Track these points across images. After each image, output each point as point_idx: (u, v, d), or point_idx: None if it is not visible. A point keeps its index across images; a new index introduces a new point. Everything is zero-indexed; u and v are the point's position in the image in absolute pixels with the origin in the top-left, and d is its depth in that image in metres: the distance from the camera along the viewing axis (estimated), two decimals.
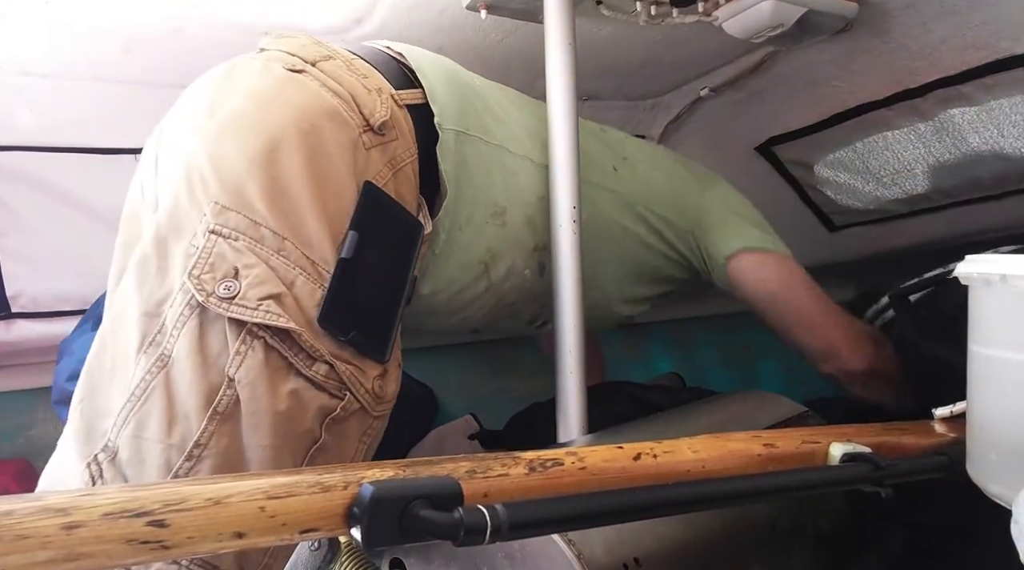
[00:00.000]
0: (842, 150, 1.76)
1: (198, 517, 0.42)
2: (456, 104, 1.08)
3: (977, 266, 0.76)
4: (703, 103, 1.77)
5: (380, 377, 0.91)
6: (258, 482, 0.46)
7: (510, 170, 1.15)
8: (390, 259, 0.95)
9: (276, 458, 0.82)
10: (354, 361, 0.88)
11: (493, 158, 1.12)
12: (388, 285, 0.95)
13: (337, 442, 0.88)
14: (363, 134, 0.94)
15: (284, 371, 0.83)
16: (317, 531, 0.47)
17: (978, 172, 1.64)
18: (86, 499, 0.40)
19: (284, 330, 0.82)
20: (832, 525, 1.01)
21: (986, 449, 0.79)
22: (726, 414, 1.23)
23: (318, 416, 0.85)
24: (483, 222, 1.11)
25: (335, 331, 0.86)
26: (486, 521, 0.50)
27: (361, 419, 0.90)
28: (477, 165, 1.10)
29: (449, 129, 1.05)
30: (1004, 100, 1.47)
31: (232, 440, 0.80)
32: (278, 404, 0.82)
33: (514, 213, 1.15)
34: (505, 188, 1.14)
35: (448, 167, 1.05)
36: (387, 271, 0.95)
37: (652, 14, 1.30)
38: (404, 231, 0.98)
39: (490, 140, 1.12)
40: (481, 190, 1.10)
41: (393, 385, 0.94)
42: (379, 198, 0.93)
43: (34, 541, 0.38)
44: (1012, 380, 0.74)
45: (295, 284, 0.85)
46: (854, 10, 1.31)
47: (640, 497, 0.61)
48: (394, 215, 0.96)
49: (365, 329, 0.89)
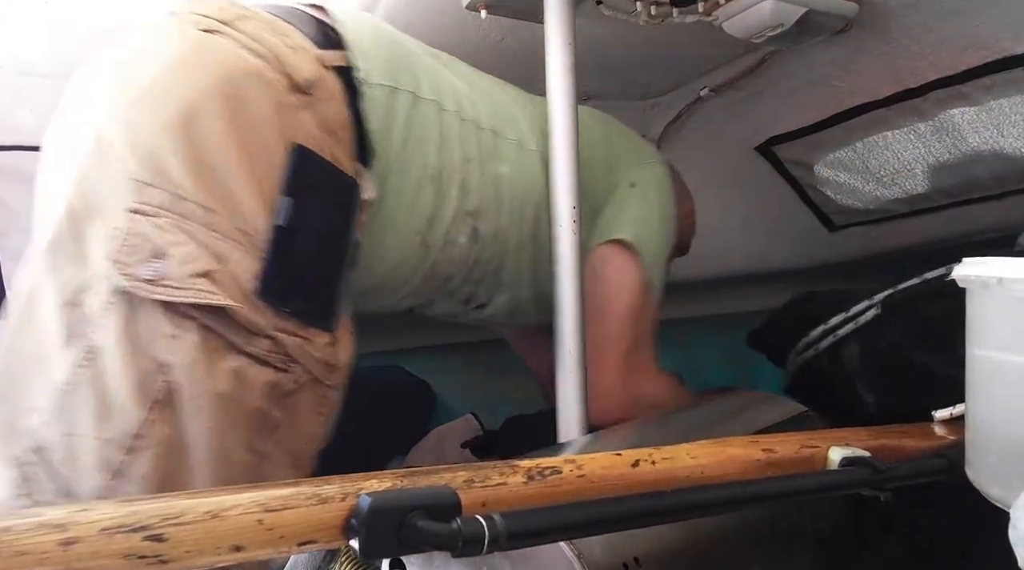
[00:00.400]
0: (842, 150, 1.76)
1: (196, 531, 0.42)
2: (383, 59, 1.03)
3: (974, 269, 0.76)
4: (703, 103, 1.77)
5: (330, 345, 0.88)
6: (255, 494, 0.46)
7: (443, 128, 1.09)
8: (328, 223, 0.91)
9: (222, 442, 0.79)
10: (299, 332, 0.84)
11: (426, 115, 1.07)
12: (329, 250, 0.91)
13: (291, 416, 0.85)
14: (289, 95, 0.88)
15: (223, 350, 0.80)
16: (315, 543, 0.47)
17: (978, 172, 1.64)
18: (84, 514, 0.40)
19: (219, 308, 0.78)
20: (831, 526, 1.01)
21: (985, 452, 0.79)
22: (726, 414, 1.22)
23: (266, 393, 0.82)
24: (419, 186, 1.06)
25: (275, 303, 0.82)
26: (484, 531, 0.50)
27: (314, 390, 0.87)
28: (410, 123, 1.04)
29: (377, 84, 1.00)
30: (1004, 100, 1.47)
31: (173, 428, 0.77)
32: (219, 385, 0.78)
33: (449, 176, 1.10)
34: (439, 148, 1.08)
35: (379, 126, 1.00)
36: (326, 236, 0.90)
37: (652, 14, 1.29)
38: (341, 192, 0.93)
39: (422, 95, 1.07)
40: (416, 151, 1.05)
41: (346, 352, 0.91)
42: (311, 160, 0.88)
43: (32, 557, 0.38)
44: (1010, 382, 0.74)
45: (229, 258, 0.80)
46: (854, 10, 1.31)
47: (639, 504, 0.61)
48: (329, 177, 0.91)
49: (308, 298, 0.86)
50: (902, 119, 1.60)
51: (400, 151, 1.03)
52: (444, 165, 1.08)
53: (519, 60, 1.46)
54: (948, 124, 1.57)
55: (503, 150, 1.18)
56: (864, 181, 1.82)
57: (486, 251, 1.18)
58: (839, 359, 1.29)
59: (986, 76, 1.41)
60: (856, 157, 1.76)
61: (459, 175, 1.10)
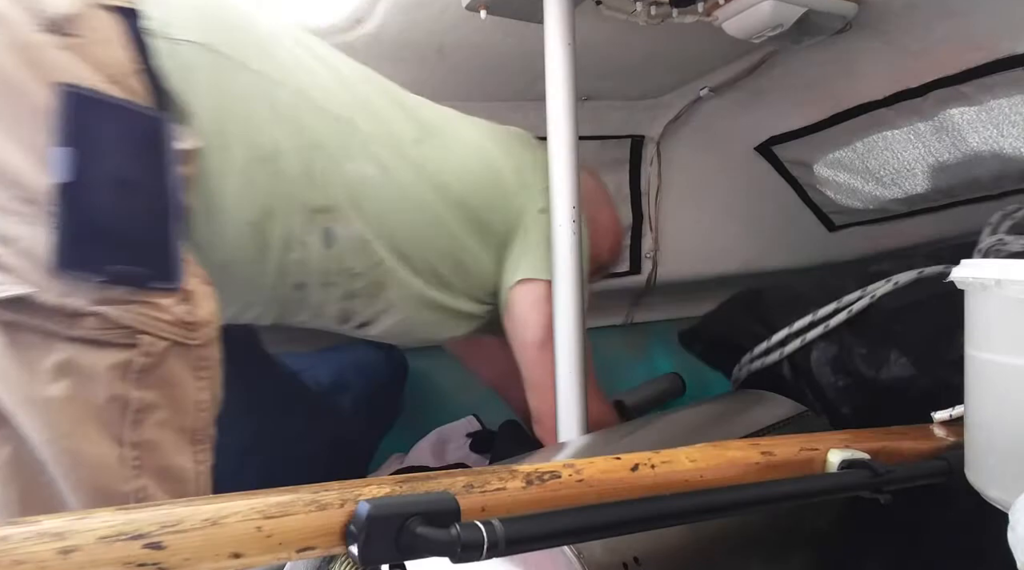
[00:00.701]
0: (842, 150, 1.76)
1: (195, 538, 0.42)
2: (194, 15, 0.92)
3: (972, 271, 0.76)
4: (703, 103, 1.77)
5: (183, 302, 0.79)
6: (254, 501, 0.46)
7: (281, 104, 0.98)
8: (130, 170, 0.78)
9: (79, 447, 0.71)
10: (132, 298, 0.75)
11: (252, 87, 0.96)
12: (143, 197, 0.78)
13: (166, 392, 0.77)
14: (37, 33, 0.76)
15: (41, 344, 0.70)
16: (314, 549, 0.47)
17: (977, 172, 1.64)
18: (82, 522, 0.40)
19: (17, 298, 0.68)
20: (831, 525, 1.01)
21: (984, 453, 0.79)
22: (725, 414, 1.22)
23: (116, 377, 0.73)
24: (247, 168, 0.94)
25: (86, 274, 0.72)
26: (483, 537, 0.50)
27: (182, 356, 0.78)
28: (227, 91, 0.93)
29: (179, 39, 0.88)
30: (1004, 100, 1.47)
31: (14, 446, 0.71)
32: (48, 387, 0.69)
33: (287, 161, 0.98)
34: (275, 126, 0.97)
35: (183, 87, 0.88)
36: (135, 181, 0.78)
37: (652, 14, 1.29)
38: (139, 128, 0.80)
39: (249, 65, 0.96)
40: (238, 125, 0.94)
41: (206, 305, 0.82)
42: (89, 100, 0.76)
43: (31, 566, 0.38)
44: (1009, 384, 0.74)
45: (15, 237, 0.70)
46: (854, 10, 1.30)
47: (638, 509, 0.61)
48: (117, 114, 0.78)
49: (130, 259, 0.75)
50: (902, 119, 1.60)
51: (215, 121, 0.91)
52: (281, 148, 0.97)
53: (519, 60, 1.46)
54: (948, 124, 1.57)
55: (371, 149, 1.08)
56: (864, 181, 1.82)
57: (349, 261, 1.07)
58: (804, 367, 1.24)
59: (986, 76, 1.41)
60: (856, 157, 1.76)
61: (302, 164, 1.00)
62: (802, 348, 1.24)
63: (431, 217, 1.14)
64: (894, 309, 1.19)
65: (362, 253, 1.08)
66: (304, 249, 1.03)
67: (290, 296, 1.07)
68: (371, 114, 1.10)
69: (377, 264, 1.10)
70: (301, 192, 1.00)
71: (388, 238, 1.09)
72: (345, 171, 1.04)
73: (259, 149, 0.96)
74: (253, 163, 0.95)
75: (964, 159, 1.63)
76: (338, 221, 1.03)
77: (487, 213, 1.20)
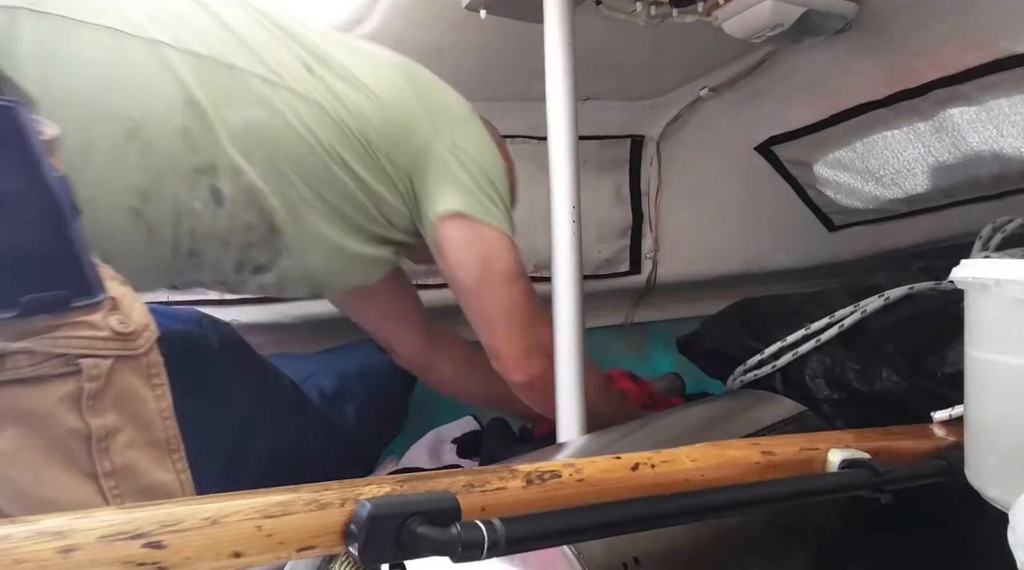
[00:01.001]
0: (842, 150, 1.76)
1: (195, 537, 0.42)
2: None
3: (973, 271, 0.76)
4: (703, 103, 1.77)
5: (113, 312, 0.73)
6: (254, 500, 0.46)
7: (136, 62, 0.87)
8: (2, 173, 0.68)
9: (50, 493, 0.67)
10: (60, 322, 0.68)
11: (99, 45, 0.85)
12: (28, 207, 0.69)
13: (126, 409, 0.72)
14: None
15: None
16: (315, 549, 0.47)
17: (977, 172, 1.64)
18: (82, 522, 0.40)
19: None
20: (831, 525, 1.01)
21: (984, 453, 0.79)
22: (725, 414, 1.22)
23: (68, 408, 0.68)
24: (114, 148, 0.85)
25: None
26: (483, 537, 0.50)
27: (131, 368, 0.73)
28: (73, 59, 0.83)
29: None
30: (1003, 100, 1.47)
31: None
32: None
33: (157, 127, 0.89)
34: (130, 92, 0.87)
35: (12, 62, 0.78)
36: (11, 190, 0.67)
37: (652, 14, 1.30)
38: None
39: (88, 18, 0.84)
40: (92, 96, 0.84)
41: (136, 308, 0.76)
42: None
43: (31, 565, 0.38)
44: (1008, 384, 0.74)
45: None
46: (853, 10, 1.31)
47: (638, 509, 0.61)
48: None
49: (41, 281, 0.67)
50: (902, 119, 1.60)
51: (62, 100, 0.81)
52: (146, 115, 0.88)
53: (519, 60, 1.46)
54: (948, 124, 1.57)
55: (255, 90, 0.99)
56: (864, 181, 1.82)
57: (243, 216, 0.99)
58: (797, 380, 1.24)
59: (986, 76, 1.41)
60: (856, 157, 1.76)
61: (174, 126, 0.90)
62: (795, 361, 1.24)
63: (326, 157, 1.05)
64: (885, 325, 1.20)
65: (255, 205, 1.00)
66: (194, 216, 0.95)
67: (186, 264, 1.01)
68: (251, 51, 1.00)
69: (271, 212, 1.02)
70: (179, 157, 0.91)
71: (281, 184, 1.01)
72: (226, 121, 0.95)
73: (121, 122, 0.86)
74: (118, 141, 0.86)
75: (964, 159, 1.63)
76: (224, 177, 0.95)
77: (390, 149, 1.11)
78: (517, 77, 1.55)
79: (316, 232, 1.08)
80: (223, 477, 1.25)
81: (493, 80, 1.58)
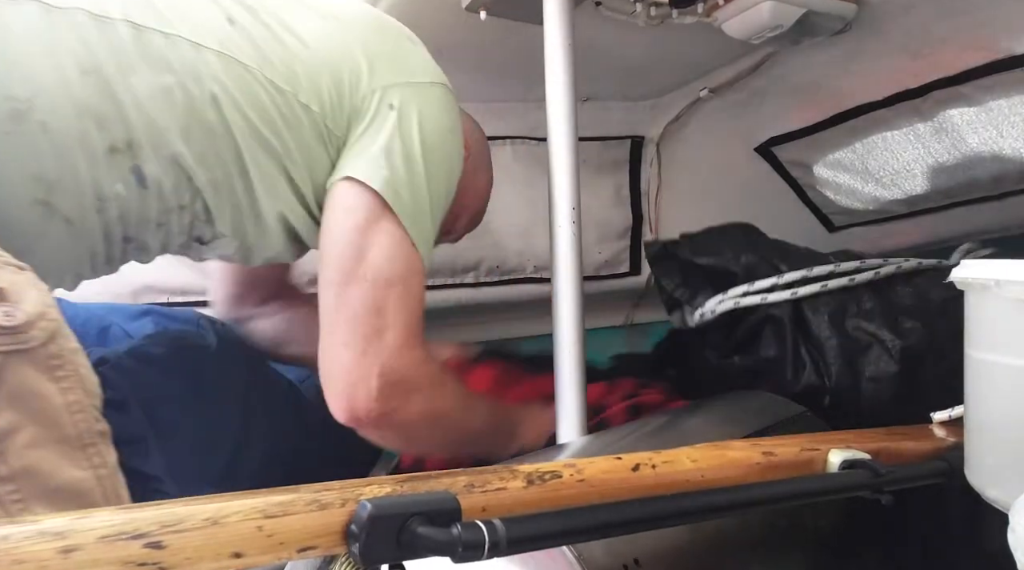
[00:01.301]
0: (841, 150, 1.76)
1: (195, 538, 0.42)
2: None
3: (972, 271, 0.76)
4: (703, 103, 1.77)
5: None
6: (255, 501, 0.46)
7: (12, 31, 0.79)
8: None
9: None
10: None
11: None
12: None
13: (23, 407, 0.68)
14: None
15: None
16: (315, 549, 0.47)
17: (977, 172, 1.64)
18: (82, 522, 0.40)
19: None
20: (832, 524, 1.01)
21: (984, 454, 0.79)
22: (725, 414, 1.22)
23: None
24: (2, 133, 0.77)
25: None
26: (484, 537, 0.50)
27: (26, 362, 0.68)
28: None
29: None
30: (1003, 100, 1.47)
31: None
32: None
33: (51, 105, 0.80)
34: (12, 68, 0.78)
35: None
36: None
37: (651, 15, 1.30)
38: None
39: None
40: None
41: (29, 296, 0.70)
42: None
43: (31, 565, 0.38)
44: (1008, 384, 0.74)
45: None
46: (853, 10, 1.31)
47: (639, 509, 0.61)
48: None
49: None
50: (901, 119, 1.60)
51: None
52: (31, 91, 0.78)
53: (519, 61, 1.46)
54: (947, 124, 1.57)
55: (162, 51, 0.88)
56: (863, 182, 1.82)
57: (172, 197, 0.90)
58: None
59: (985, 76, 1.41)
60: (855, 158, 1.76)
61: (74, 99, 0.81)
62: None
63: (252, 123, 0.93)
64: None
65: (184, 182, 0.91)
66: (120, 201, 0.87)
67: (127, 249, 0.93)
68: (150, 3, 0.89)
69: (200, 191, 0.93)
70: (86, 138, 0.83)
71: (207, 156, 0.91)
72: (133, 90, 0.85)
73: (4, 103, 0.78)
74: (4, 124, 0.78)
75: (964, 160, 1.63)
76: (145, 155, 0.86)
77: (326, 109, 0.98)
78: (517, 78, 1.55)
79: (254, 205, 0.97)
80: (221, 478, 1.25)
81: (493, 81, 1.58)
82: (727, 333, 1.28)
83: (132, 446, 1.10)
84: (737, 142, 1.88)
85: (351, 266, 0.96)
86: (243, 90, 0.92)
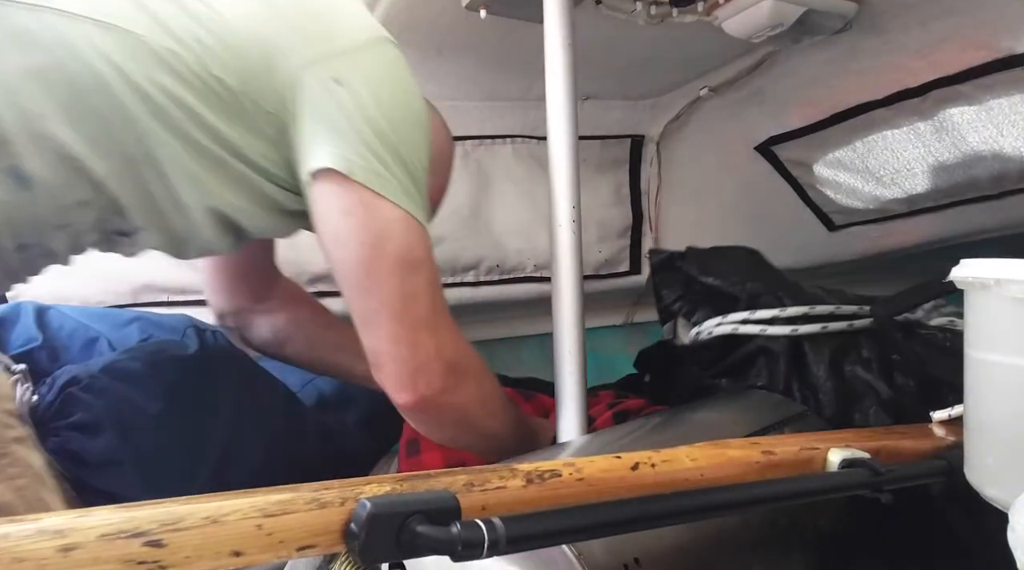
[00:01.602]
0: (842, 150, 1.76)
1: (195, 536, 0.42)
2: None
3: (972, 270, 0.76)
4: (703, 103, 1.77)
5: None
6: (254, 499, 0.46)
7: None
8: None
9: None
10: None
11: None
12: None
13: None
14: None
15: None
16: (315, 548, 0.47)
17: (977, 172, 1.64)
18: (82, 520, 0.40)
19: None
20: (832, 524, 1.01)
21: (983, 453, 0.79)
22: (724, 413, 1.22)
23: None
24: None
25: None
26: (483, 536, 0.50)
27: None
28: None
29: None
30: (1003, 100, 1.47)
31: None
32: None
33: None
34: None
35: None
36: None
37: (652, 14, 1.30)
38: None
39: None
40: None
41: None
42: None
43: (31, 564, 0.38)
44: (1008, 384, 0.74)
45: None
46: (853, 10, 1.31)
47: (638, 508, 0.61)
48: None
49: None
50: (902, 119, 1.60)
51: None
52: None
53: (519, 60, 1.46)
54: (948, 124, 1.57)
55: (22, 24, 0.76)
56: (864, 181, 1.82)
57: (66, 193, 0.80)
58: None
59: (986, 76, 1.41)
60: (856, 157, 1.76)
61: None
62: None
63: (154, 101, 0.82)
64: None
65: (77, 175, 0.81)
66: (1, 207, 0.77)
67: (26, 257, 0.84)
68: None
69: (101, 182, 0.83)
70: None
71: (100, 143, 0.80)
72: (7, 73, 0.75)
73: None
74: None
75: (964, 159, 1.63)
76: (24, 151, 0.75)
77: (246, 86, 0.87)
78: (517, 77, 1.55)
79: (171, 195, 0.87)
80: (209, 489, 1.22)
81: (493, 80, 1.58)
82: (719, 355, 1.27)
83: (107, 469, 1.08)
84: (737, 141, 1.88)
85: (374, 266, 0.92)
86: (138, 64, 0.80)
